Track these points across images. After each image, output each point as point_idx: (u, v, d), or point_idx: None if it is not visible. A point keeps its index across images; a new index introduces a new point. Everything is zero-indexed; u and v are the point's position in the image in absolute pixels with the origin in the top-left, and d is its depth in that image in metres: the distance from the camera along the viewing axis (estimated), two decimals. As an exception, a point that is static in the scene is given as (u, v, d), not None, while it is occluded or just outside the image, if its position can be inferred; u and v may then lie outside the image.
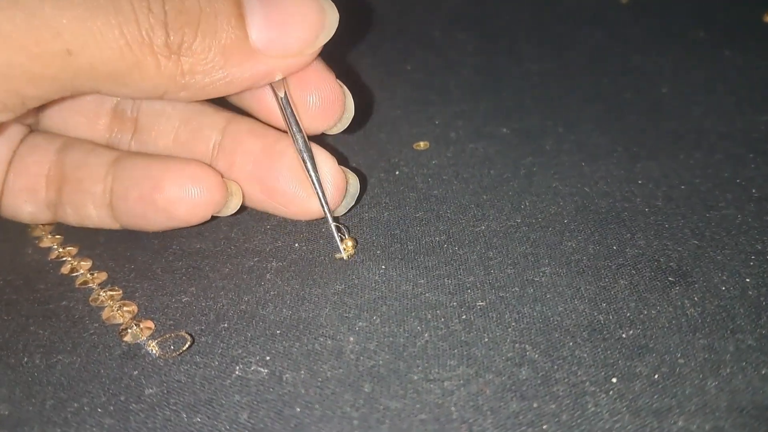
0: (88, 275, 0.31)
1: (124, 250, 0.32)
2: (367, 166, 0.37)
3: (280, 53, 0.27)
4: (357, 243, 0.32)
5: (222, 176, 0.30)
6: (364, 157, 0.38)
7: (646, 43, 0.48)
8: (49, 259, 0.32)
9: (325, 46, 0.29)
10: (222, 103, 0.32)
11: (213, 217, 0.31)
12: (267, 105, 0.30)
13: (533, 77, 0.45)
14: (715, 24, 0.50)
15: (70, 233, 0.34)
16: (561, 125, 0.40)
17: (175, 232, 0.33)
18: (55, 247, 0.33)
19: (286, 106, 0.29)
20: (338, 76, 0.31)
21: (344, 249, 0.31)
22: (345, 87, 0.31)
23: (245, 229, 0.33)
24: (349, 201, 0.32)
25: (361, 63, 0.48)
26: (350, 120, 0.32)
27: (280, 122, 0.30)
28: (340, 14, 0.29)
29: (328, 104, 0.30)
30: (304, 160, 0.29)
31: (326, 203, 0.30)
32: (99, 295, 0.30)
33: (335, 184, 0.30)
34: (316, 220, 0.32)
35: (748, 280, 0.29)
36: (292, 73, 0.29)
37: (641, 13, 0.52)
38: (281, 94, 0.29)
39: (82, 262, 0.32)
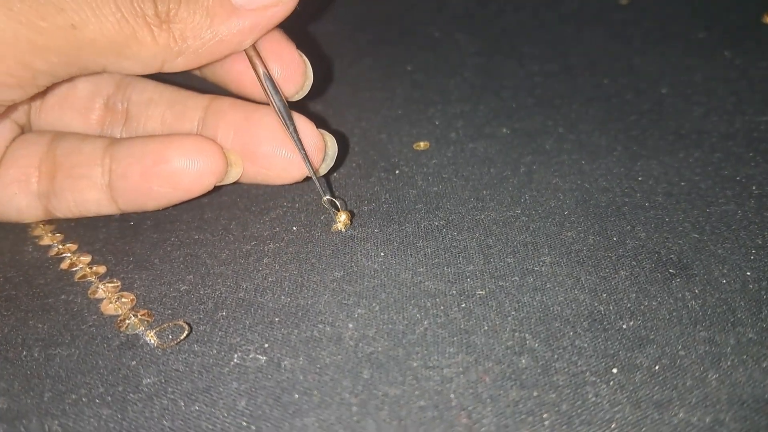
0: (87, 269, 0.31)
1: (124, 244, 0.33)
2: (367, 165, 0.37)
3: (260, 4, 0.29)
4: (352, 216, 0.32)
5: (222, 147, 0.32)
6: (364, 157, 0.38)
7: (647, 43, 0.48)
8: (48, 256, 0.32)
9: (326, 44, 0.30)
10: (206, 89, 0.34)
11: (215, 188, 0.32)
12: (246, 80, 0.32)
13: (534, 78, 0.45)
14: (715, 25, 0.50)
15: (69, 231, 0.34)
16: (561, 125, 0.40)
17: (174, 227, 0.33)
18: (55, 244, 0.33)
19: (265, 75, 0.31)
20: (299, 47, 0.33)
21: (339, 221, 0.32)
22: (305, 56, 0.33)
23: (244, 221, 0.34)
24: (329, 162, 0.33)
25: (360, 64, 0.48)
26: (310, 86, 0.33)
27: (259, 96, 0.32)
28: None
29: (291, 73, 0.32)
30: (284, 122, 0.31)
31: (308, 159, 0.31)
32: (98, 287, 0.30)
33: (314, 144, 0.32)
34: (299, 183, 0.33)
35: (748, 273, 0.29)
36: (275, 24, 0.30)
37: (641, 14, 0.52)
38: (259, 65, 0.31)
39: (81, 257, 0.32)
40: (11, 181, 0.32)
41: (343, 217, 0.32)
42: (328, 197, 0.32)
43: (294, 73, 0.32)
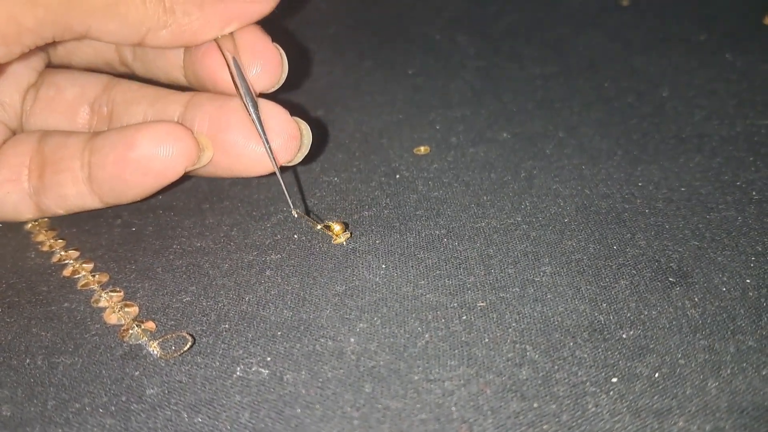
0: (90, 277, 0.31)
1: (126, 251, 0.33)
2: (368, 170, 0.37)
3: None
4: (347, 227, 0.32)
5: (192, 131, 0.31)
6: (365, 162, 0.38)
7: (648, 45, 0.48)
8: (51, 262, 0.32)
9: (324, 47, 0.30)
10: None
11: (185, 177, 0.32)
12: (219, 76, 0.32)
13: (535, 81, 0.45)
14: (716, 26, 0.50)
15: (71, 237, 0.34)
16: (562, 129, 0.40)
17: (176, 234, 0.33)
18: (57, 250, 0.33)
19: (234, 65, 0.31)
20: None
21: (338, 237, 0.32)
22: (281, 48, 0.33)
23: (246, 228, 0.34)
24: (304, 150, 0.33)
25: (361, 67, 0.48)
26: (284, 78, 0.33)
27: (231, 90, 0.32)
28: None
29: (268, 67, 0.32)
30: (249, 110, 0.31)
31: (271, 151, 0.31)
32: (100, 296, 0.30)
33: (287, 132, 0.32)
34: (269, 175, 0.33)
35: (748, 281, 0.29)
36: (257, 17, 0.31)
37: (642, 16, 0.52)
38: (228, 54, 0.31)
39: (84, 264, 0.32)
40: (3, 181, 0.32)
41: (337, 228, 0.31)
42: (297, 211, 0.32)
43: (270, 64, 0.32)
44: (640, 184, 0.35)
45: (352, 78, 0.47)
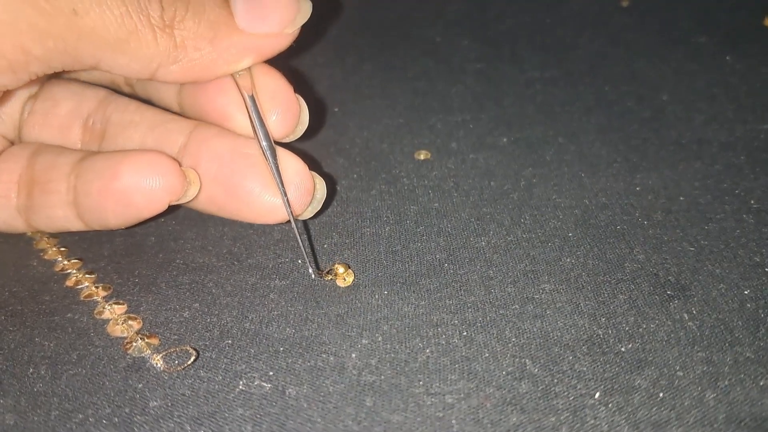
0: (93, 288, 0.31)
1: (128, 263, 0.33)
2: (368, 177, 0.38)
3: (263, 31, 0.30)
4: (348, 268, 0.31)
5: (180, 164, 0.30)
6: (366, 168, 0.38)
7: (648, 48, 0.48)
8: (53, 271, 0.33)
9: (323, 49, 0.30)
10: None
11: (171, 208, 0.31)
12: (227, 115, 0.31)
13: (535, 85, 0.45)
14: (716, 28, 0.50)
15: (74, 246, 0.34)
16: (562, 135, 0.40)
17: (178, 246, 0.33)
18: (60, 259, 0.33)
19: (252, 106, 0.30)
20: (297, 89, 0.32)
21: (341, 281, 0.31)
22: (302, 100, 0.32)
23: (248, 243, 0.34)
24: (315, 205, 0.32)
25: (361, 70, 0.48)
26: (303, 131, 0.33)
27: (242, 129, 0.31)
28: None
29: (286, 116, 0.31)
30: (268, 161, 0.30)
31: (289, 205, 0.30)
32: (104, 308, 0.30)
33: (302, 186, 0.31)
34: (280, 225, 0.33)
35: (746, 292, 0.29)
36: (272, 54, 0.31)
37: (642, 18, 0.52)
38: (248, 95, 0.30)
39: (87, 275, 0.32)
40: None
41: (341, 270, 0.31)
42: (312, 269, 0.31)
43: (287, 113, 0.31)
44: (639, 193, 0.35)
45: (353, 81, 0.47)
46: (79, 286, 0.31)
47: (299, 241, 0.31)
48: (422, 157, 0.39)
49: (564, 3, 0.55)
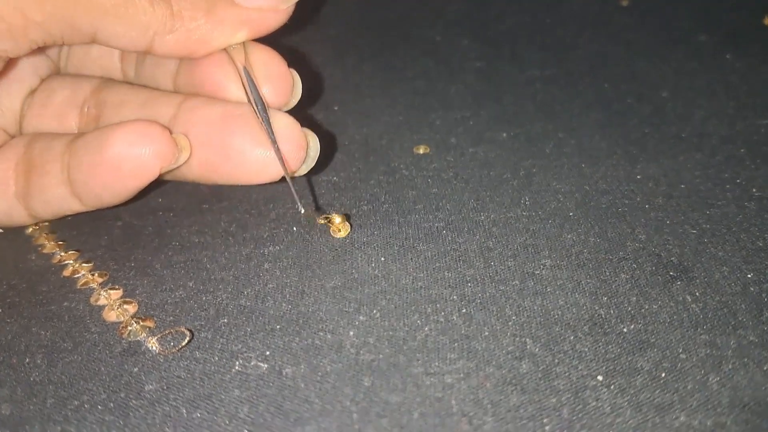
0: (89, 276, 0.31)
1: (125, 250, 0.33)
2: (367, 170, 0.37)
3: (258, 5, 0.30)
4: (348, 218, 0.32)
5: (170, 131, 0.30)
6: (365, 162, 0.38)
7: (648, 47, 0.48)
8: (51, 263, 0.32)
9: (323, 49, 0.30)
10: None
11: (161, 181, 0.31)
12: (222, 84, 0.32)
13: (535, 84, 0.45)
14: (717, 27, 0.50)
15: (72, 239, 0.34)
16: (561, 130, 0.40)
17: (174, 232, 0.33)
18: (58, 252, 0.33)
19: (246, 76, 0.31)
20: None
21: (337, 230, 0.31)
22: (295, 72, 0.33)
23: (244, 223, 0.34)
24: (309, 162, 0.32)
25: (361, 70, 0.48)
26: (296, 102, 0.33)
27: (236, 99, 0.31)
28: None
29: (279, 86, 0.32)
30: (260, 117, 0.30)
31: (282, 158, 0.30)
32: (100, 294, 0.30)
33: (295, 142, 0.31)
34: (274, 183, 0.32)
35: (749, 276, 0.29)
36: (267, 29, 0.31)
37: (642, 17, 0.52)
38: (238, 61, 0.31)
39: (83, 264, 0.32)
40: None
41: (338, 220, 0.31)
42: (304, 212, 0.31)
43: (281, 83, 0.32)
44: (640, 180, 0.35)
45: (353, 81, 0.47)
46: (76, 276, 0.31)
47: (291, 184, 0.31)
48: (421, 151, 0.39)
49: (564, 3, 0.55)
